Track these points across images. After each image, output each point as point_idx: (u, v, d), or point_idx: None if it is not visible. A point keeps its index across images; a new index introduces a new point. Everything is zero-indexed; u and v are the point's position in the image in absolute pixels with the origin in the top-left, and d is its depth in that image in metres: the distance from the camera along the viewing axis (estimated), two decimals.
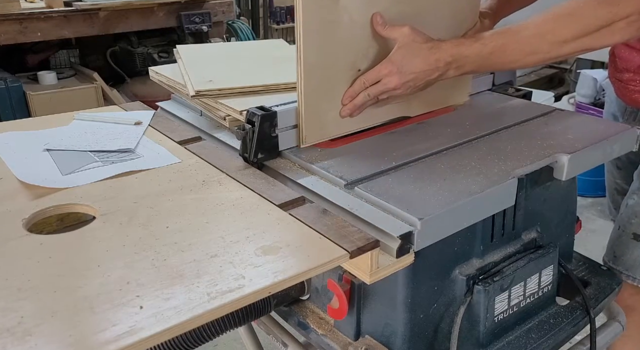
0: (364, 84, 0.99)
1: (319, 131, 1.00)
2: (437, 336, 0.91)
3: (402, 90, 0.98)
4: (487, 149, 0.99)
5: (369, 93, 0.99)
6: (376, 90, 0.98)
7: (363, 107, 1.01)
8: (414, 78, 0.96)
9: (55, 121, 1.19)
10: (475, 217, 0.86)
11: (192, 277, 0.67)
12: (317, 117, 0.99)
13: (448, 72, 0.98)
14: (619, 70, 1.23)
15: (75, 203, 0.85)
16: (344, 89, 1.00)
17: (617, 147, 1.04)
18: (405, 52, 0.96)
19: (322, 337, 0.91)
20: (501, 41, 0.95)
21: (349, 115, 1.02)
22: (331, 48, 0.95)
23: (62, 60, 3.09)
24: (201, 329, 0.80)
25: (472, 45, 0.96)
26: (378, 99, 1.01)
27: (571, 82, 4.11)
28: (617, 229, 1.22)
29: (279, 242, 0.74)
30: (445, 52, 0.96)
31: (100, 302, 0.62)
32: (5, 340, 0.56)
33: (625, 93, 1.23)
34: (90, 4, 2.67)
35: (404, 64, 0.96)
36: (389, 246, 0.76)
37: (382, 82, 0.97)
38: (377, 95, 0.99)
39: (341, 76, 0.99)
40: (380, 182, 0.88)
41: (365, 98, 0.99)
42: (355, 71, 1.00)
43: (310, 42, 0.92)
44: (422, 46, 0.96)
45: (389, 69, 0.96)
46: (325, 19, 0.93)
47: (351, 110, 1.01)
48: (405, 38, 0.96)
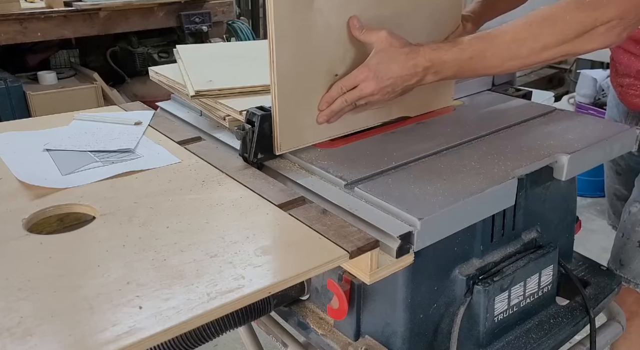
0: (340, 89, 0.96)
1: (295, 138, 0.98)
2: (437, 336, 0.91)
3: (379, 96, 0.96)
4: (487, 149, 0.98)
5: (346, 99, 0.96)
6: (353, 96, 0.96)
7: (341, 113, 0.99)
8: (391, 83, 0.94)
9: (55, 121, 1.19)
10: (475, 217, 0.86)
11: (191, 277, 0.67)
12: (293, 123, 0.96)
13: (426, 78, 0.95)
14: (620, 75, 1.23)
15: (75, 203, 0.85)
16: (320, 95, 0.98)
17: (617, 147, 1.04)
18: (382, 57, 0.94)
19: (322, 337, 0.91)
20: (480, 46, 0.93)
21: (326, 122, 0.99)
22: (306, 53, 0.93)
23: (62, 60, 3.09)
24: (201, 329, 0.80)
25: (451, 50, 0.93)
26: (356, 104, 0.98)
27: (571, 82, 4.11)
28: (621, 237, 1.20)
29: (279, 243, 0.74)
30: (423, 57, 0.93)
31: (100, 302, 0.62)
32: (5, 340, 0.56)
33: (626, 98, 1.23)
34: (90, 4, 2.67)
35: (381, 69, 0.94)
36: (388, 246, 0.76)
37: (359, 88, 0.95)
38: (354, 101, 0.97)
39: (317, 81, 0.97)
40: (380, 182, 0.88)
41: (342, 104, 0.97)
42: (332, 76, 0.98)
43: (284, 46, 0.89)
44: (400, 51, 0.94)
45: (365, 75, 0.94)
46: (298, 23, 0.90)
47: (328, 116, 0.98)
48: (383, 42, 0.94)
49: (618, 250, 1.20)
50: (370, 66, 0.94)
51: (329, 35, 0.95)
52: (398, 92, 0.97)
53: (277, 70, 0.90)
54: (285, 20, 0.88)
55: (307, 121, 0.98)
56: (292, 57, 0.91)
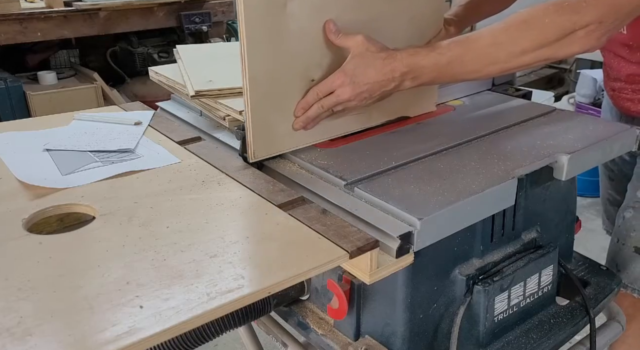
0: (317, 95, 0.94)
1: (270, 145, 0.96)
2: (436, 336, 0.91)
3: (356, 101, 0.94)
4: (487, 149, 0.98)
5: (322, 105, 0.94)
6: (330, 102, 0.94)
7: (317, 119, 0.97)
8: (368, 89, 0.92)
9: (55, 121, 1.19)
10: (475, 217, 0.86)
11: (191, 277, 0.67)
12: (267, 130, 0.94)
13: (404, 83, 0.94)
14: (612, 79, 1.23)
15: (75, 203, 0.85)
16: (296, 101, 0.95)
17: (617, 147, 1.04)
18: (359, 62, 0.92)
19: (322, 337, 0.91)
20: (458, 51, 0.91)
21: (302, 128, 0.97)
22: (279, 57, 0.90)
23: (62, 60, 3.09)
24: (201, 329, 0.80)
25: (429, 55, 0.92)
26: (333, 110, 0.96)
27: (571, 82, 4.11)
28: (617, 242, 1.20)
29: (279, 243, 0.74)
30: (401, 62, 0.91)
31: (100, 302, 0.62)
32: (5, 340, 0.56)
33: (619, 102, 1.23)
34: (90, 4, 2.67)
35: (357, 74, 0.91)
36: (388, 246, 0.76)
37: (335, 94, 0.93)
38: (331, 106, 0.95)
39: (292, 87, 0.94)
40: (380, 182, 0.88)
41: (318, 110, 0.95)
42: (308, 81, 0.95)
43: (256, 51, 0.87)
44: (377, 56, 0.92)
45: (341, 80, 0.92)
46: (271, 27, 0.88)
47: (304, 122, 0.96)
48: (359, 47, 0.92)
49: (613, 255, 1.20)
50: (346, 71, 0.92)
51: (304, 40, 0.92)
52: (375, 97, 0.95)
53: (250, 76, 0.88)
54: (256, 24, 0.86)
55: (282, 128, 0.96)
56: (265, 62, 0.89)
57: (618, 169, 1.35)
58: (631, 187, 1.20)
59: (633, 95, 1.16)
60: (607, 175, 1.41)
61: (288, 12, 0.89)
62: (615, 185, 1.39)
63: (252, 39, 0.86)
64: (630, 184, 1.21)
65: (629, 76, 1.16)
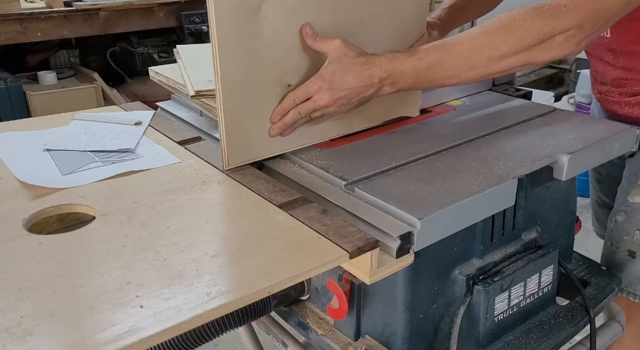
0: (293, 100, 0.92)
1: (245, 152, 0.94)
2: (437, 336, 0.91)
3: (334, 107, 0.92)
4: (487, 149, 0.98)
5: (299, 111, 0.92)
6: (307, 108, 0.92)
7: (294, 125, 0.95)
8: (346, 95, 0.90)
9: (55, 121, 1.19)
10: (475, 217, 0.86)
11: (191, 277, 0.67)
12: (242, 137, 0.92)
13: (383, 89, 0.92)
14: (598, 82, 1.23)
15: (75, 203, 0.85)
16: (272, 107, 0.93)
17: (617, 146, 1.04)
18: (336, 67, 0.90)
19: (322, 337, 0.91)
20: (437, 56, 0.90)
21: (279, 134, 0.95)
22: (254, 62, 0.88)
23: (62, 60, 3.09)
24: (201, 329, 0.80)
25: (407, 60, 0.90)
26: (311, 116, 0.94)
27: (571, 82, 4.11)
28: (610, 246, 1.20)
29: (279, 243, 0.74)
30: (379, 67, 0.90)
31: (100, 302, 0.62)
32: (5, 340, 0.56)
33: (606, 104, 1.22)
34: (90, 4, 2.67)
35: (335, 80, 0.90)
36: (388, 246, 0.76)
37: (312, 99, 0.91)
38: (308, 112, 0.93)
39: (268, 92, 0.92)
40: (380, 182, 0.88)
41: (295, 116, 0.93)
42: (285, 87, 0.93)
43: (228, 56, 0.85)
44: (355, 61, 0.90)
45: (319, 85, 0.90)
46: (244, 31, 0.85)
47: (281, 129, 0.94)
48: (337, 52, 0.90)
49: (607, 259, 1.20)
50: (323, 77, 0.90)
51: (279, 44, 0.90)
52: (354, 103, 0.93)
53: (222, 81, 0.86)
54: (228, 28, 0.84)
55: (258, 134, 0.94)
56: (238, 67, 0.87)
57: (606, 172, 1.35)
58: (621, 191, 1.20)
59: (620, 98, 1.16)
60: (596, 178, 1.41)
61: (262, 15, 0.86)
62: (603, 188, 1.39)
63: (224, 44, 0.84)
64: (620, 188, 1.20)
65: (614, 80, 1.16)
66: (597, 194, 1.43)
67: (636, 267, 1.14)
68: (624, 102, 1.15)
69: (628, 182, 1.17)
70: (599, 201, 1.42)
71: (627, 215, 1.15)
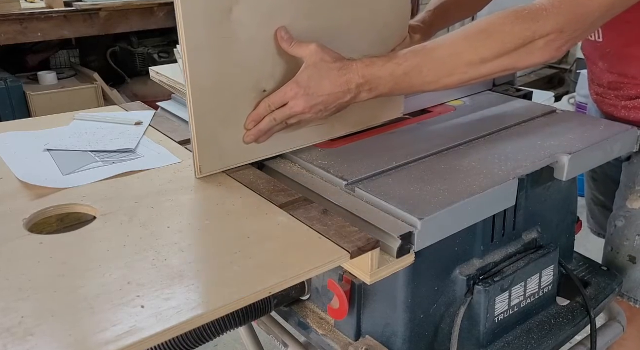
0: (269, 106, 0.89)
1: (218, 160, 0.91)
2: (437, 336, 0.91)
3: (311, 114, 0.89)
4: (487, 149, 0.98)
5: (274, 117, 0.90)
6: (283, 114, 0.89)
7: (270, 132, 0.92)
8: (323, 101, 0.88)
9: (55, 121, 1.19)
10: (476, 217, 0.86)
11: (192, 277, 0.67)
12: (214, 144, 0.89)
13: (360, 95, 0.89)
14: (595, 84, 1.23)
15: (76, 203, 0.85)
16: (246, 113, 0.90)
17: (618, 147, 1.04)
18: (312, 73, 0.87)
19: (323, 337, 0.91)
20: (416, 61, 0.87)
21: (254, 141, 0.92)
22: (226, 67, 0.86)
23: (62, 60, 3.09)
24: (201, 329, 0.80)
25: (385, 65, 0.88)
26: (287, 123, 0.92)
27: (571, 82, 4.11)
28: (610, 250, 1.19)
29: (279, 242, 0.74)
30: (356, 72, 0.87)
31: (101, 302, 0.62)
32: (6, 339, 0.56)
33: (602, 106, 1.22)
34: (90, 4, 2.67)
35: (311, 85, 0.87)
36: (389, 246, 0.76)
37: (288, 106, 0.89)
38: (284, 119, 0.90)
39: (242, 98, 0.89)
40: (380, 182, 0.88)
41: (270, 123, 0.90)
42: (260, 92, 0.90)
43: (199, 60, 0.82)
44: (331, 66, 0.87)
45: (294, 91, 0.87)
46: (215, 34, 0.82)
47: (256, 135, 0.91)
48: (313, 57, 0.87)
49: (608, 263, 1.19)
50: (300, 82, 0.88)
51: (254, 48, 0.87)
52: (332, 109, 0.91)
53: (193, 87, 0.83)
54: (198, 32, 0.81)
55: (231, 141, 0.91)
56: (209, 73, 0.84)
57: (601, 170, 1.34)
58: (619, 195, 1.19)
59: (616, 101, 1.16)
60: (591, 176, 1.41)
61: (234, 19, 0.84)
62: (598, 186, 1.39)
63: (194, 48, 0.81)
64: (618, 192, 1.20)
65: (610, 83, 1.16)
66: (592, 192, 1.43)
67: (636, 273, 1.14)
68: (620, 106, 1.15)
69: (626, 187, 1.17)
70: (594, 199, 1.42)
71: (627, 220, 1.15)
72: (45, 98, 2.64)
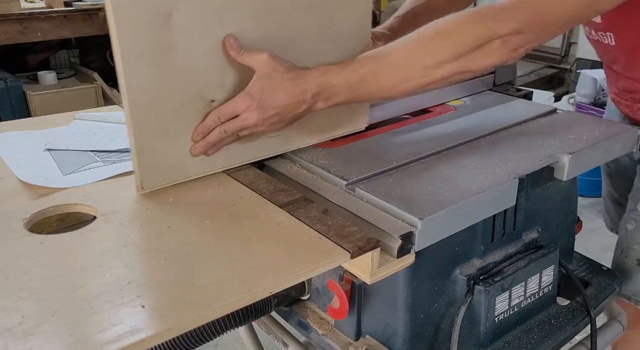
0: (218, 118, 0.85)
1: (162, 174, 0.86)
2: (437, 336, 0.90)
3: (265, 127, 0.86)
4: (488, 149, 0.98)
5: (225, 129, 0.85)
6: (234, 127, 0.85)
7: (219, 144, 0.88)
8: (277, 113, 0.85)
9: (55, 121, 1.19)
10: (476, 217, 0.86)
11: (192, 276, 0.67)
12: (156, 158, 0.84)
13: (317, 104, 0.86)
14: (612, 84, 1.23)
15: (76, 203, 0.85)
16: (194, 124, 0.86)
17: (618, 147, 1.04)
18: (265, 84, 0.83)
19: (323, 337, 0.91)
20: (371, 67, 0.84)
21: (202, 154, 0.88)
22: (168, 76, 0.80)
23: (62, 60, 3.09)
24: (202, 329, 0.80)
25: (340, 73, 0.84)
26: (238, 135, 0.88)
27: (571, 82, 4.11)
28: (620, 253, 1.18)
29: (280, 242, 0.74)
30: (311, 82, 0.84)
31: (101, 302, 0.62)
32: (7, 339, 0.56)
33: (619, 106, 1.22)
34: (90, 4, 2.68)
35: (265, 97, 0.83)
36: (389, 246, 0.76)
37: (240, 118, 0.84)
38: (235, 131, 0.86)
39: (187, 109, 0.84)
40: (380, 182, 0.88)
41: (220, 135, 0.86)
42: (207, 103, 0.85)
43: (136, 69, 0.77)
44: (285, 76, 0.84)
45: (247, 103, 0.83)
46: (153, 41, 0.78)
47: (204, 148, 0.87)
48: (265, 67, 0.83)
49: (617, 267, 1.19)
50: (252, 94, 0.83)
51: (198, 56, 0.82)
52: (287, 121, 0.88)
53: (129, 98, 0.79)
54: (133, 39, 0.76)
55: (177, 155, 0.86)
56: (149, 82, 0.79)
57: (615, 166, 1.35)
58: (632, 198, 1.19)
59: (632, 103, 1.16)
60: (606, 172, 1.41)
61: (174, 25, 0.79)
62: (613, 182, 1.39)
63: (129, 56, 0.77)
64: (631, 195, 1.20)
65: (625, 87, 1.16)
66: (607, 188, 1.42)
67: None
68: (636, 108, 1.15)
69: (638, 191, 1.17)
70: (609, 195, 1.42)
71: (637, 223, 1.14)
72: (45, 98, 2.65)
